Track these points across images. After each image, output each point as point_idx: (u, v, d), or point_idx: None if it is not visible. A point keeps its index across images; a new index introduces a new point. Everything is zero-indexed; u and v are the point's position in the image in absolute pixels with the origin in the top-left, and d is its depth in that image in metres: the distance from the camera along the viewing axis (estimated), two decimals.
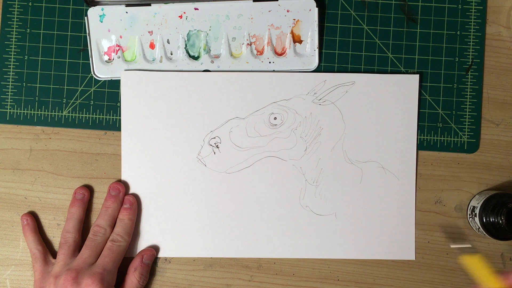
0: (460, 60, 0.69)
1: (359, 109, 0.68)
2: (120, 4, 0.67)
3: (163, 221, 0.67)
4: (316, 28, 0.68)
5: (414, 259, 0.68)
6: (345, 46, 0.69)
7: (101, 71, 0.68)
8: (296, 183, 0.68)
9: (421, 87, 0.69)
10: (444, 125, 0.69)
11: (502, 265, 0.69)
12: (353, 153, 0.68)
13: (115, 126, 0.68)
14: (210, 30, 0.68)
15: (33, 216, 0.68)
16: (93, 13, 0.67)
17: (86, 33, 0.68)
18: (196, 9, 0.68)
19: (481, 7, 0.69)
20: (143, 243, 0.67)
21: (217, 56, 0.68)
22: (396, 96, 0.68)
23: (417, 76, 0.68)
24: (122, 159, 0.67)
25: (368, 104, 0.68)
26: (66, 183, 0.68)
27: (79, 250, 0.65)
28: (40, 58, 0.68)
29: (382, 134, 0.68)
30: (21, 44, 0.68)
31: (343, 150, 0.68)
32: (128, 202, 0.66)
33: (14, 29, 0.68)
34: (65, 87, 0.68)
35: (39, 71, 0.68)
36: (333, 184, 0.68)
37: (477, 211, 0.66)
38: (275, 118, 0.68)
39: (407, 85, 0.68)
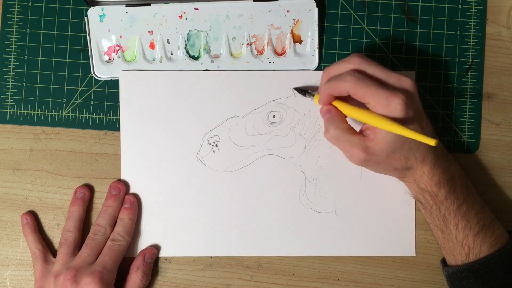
0: (460, 60, 0.69)
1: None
2: (120, 4, 0.67)
3: (163, 220, 0.67)
4: (316, 28, 0.68)
5: (414, 255, 0.68)
6: (345, 46, 0.69)
7: (101, 71, 0.68)
8: (295, 181, 0.68)
9: (421, 87, 0.69)
10: (444, 125, 0.69)
11: None
12: None
13: (115, 126, 0.68)
14: (210, 30, 0.68)
15: (33, 215, 0.67)
16: (93, 13, 0.68)
17: (86, 33, 0.68)
18: (196, 9, 0.68)
19: (481, 7, 0.69)
20: (143, 243, 0.67)
21: (217, 56, 0.68)
22: None
23: (413, 73, 0.68)
24: (121, 159, 0.67)
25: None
26: (66, 183, 0.68)
27: (79, 249, 0.65)
28: (40, 58, 0.68)
29: None
30: (21, 44, 0.68)
31: None
32: (128, 201, 0.66)
33: (14, 29, 0.68)
34: (65, 87, 0.68)
35: (39, 71, 0.68)
36: (333, 182, 0.68)
37: None
38: (274, 116, 0.67)
39: None
